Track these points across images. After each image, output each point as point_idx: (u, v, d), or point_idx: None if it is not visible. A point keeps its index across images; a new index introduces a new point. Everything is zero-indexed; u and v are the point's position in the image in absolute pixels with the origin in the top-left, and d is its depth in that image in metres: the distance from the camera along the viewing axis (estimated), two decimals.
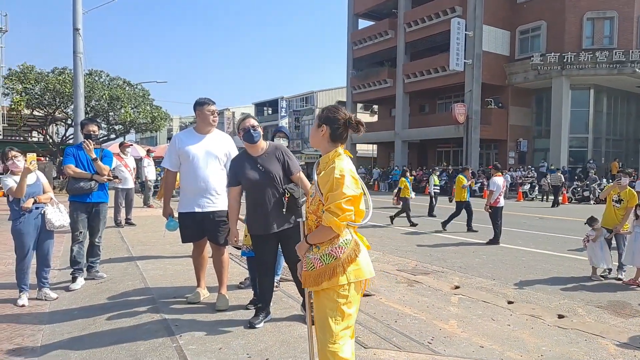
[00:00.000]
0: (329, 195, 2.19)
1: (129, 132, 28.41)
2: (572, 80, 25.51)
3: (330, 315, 2.23)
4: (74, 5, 12.74)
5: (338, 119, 2.34)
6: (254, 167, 3.68)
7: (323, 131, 2.35)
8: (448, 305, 4.69)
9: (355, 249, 2.28)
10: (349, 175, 2.22)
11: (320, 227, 2.27)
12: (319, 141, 2.39)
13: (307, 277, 2.32)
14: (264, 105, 54.39)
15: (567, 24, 25.38)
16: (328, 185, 2.20)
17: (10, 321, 3.98)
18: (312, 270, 2.29)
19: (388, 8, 32.44)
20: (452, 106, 27.35)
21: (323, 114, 2.40)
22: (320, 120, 2.38)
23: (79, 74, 13.11)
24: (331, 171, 2.23)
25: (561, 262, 7.23)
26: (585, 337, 3.88)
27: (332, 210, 2.17)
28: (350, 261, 2.24)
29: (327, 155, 2.35)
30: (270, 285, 3.90)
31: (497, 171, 9.50)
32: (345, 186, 2.17)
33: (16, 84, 23.09)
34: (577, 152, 26.73)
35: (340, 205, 2.16)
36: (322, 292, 2.28)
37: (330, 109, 2.41)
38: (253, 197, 3.71)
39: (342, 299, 2.23)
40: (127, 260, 6.31)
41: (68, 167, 5.03)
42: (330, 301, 2.25)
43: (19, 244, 4.44)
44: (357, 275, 2.26)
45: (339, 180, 2.18)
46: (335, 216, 2.16)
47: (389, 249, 8.16)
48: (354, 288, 2.26)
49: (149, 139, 56.13)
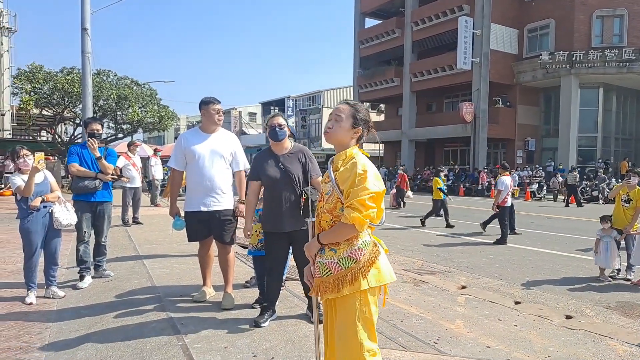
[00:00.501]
0: (351, 191, 2.05)
1: (137, 132, 28.55)
2: (581, 79, 25.30)
3: (354, 324, 2.06)
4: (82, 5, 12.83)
5: (369, 122, 2.27)
6: (276, 165, 3.74)
7: (358, 133, 2.24)
8: (454, 305, 4.67)
9: (375, 251, 2.13)
10: (372, 171, 2.10)
11: (338, 225, 2.09)
12: (346, 140, 2.23)
13: (322, 283, 2.13)
14: (270, 104, 54.43)
15: (576, 22, 25.16)
16: (350, 180, 2.07)
17: (18, 319, 4.01)
18: (329, 275, 2.11)
19: (395, 7, 32.36)
20: (460, 105, 27.23)
21: (360, 115, 2.24)
22: (357, 120, 2.23)
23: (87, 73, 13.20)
24: (353, 166, 2.10)
25: (569, 262, 7.17)
26: (593, 338, 3.85)
27: (355, 207, 2.02)
28: (371, 264, 2.09)
29: (344, 152, 2.21)
30: (277, 284, 3.91)
31: (505, 170, 9.44)
32: (368, 181, 2.04)
33: (25, 84, 23.29)
34: (586, 152, 26.51)
35: (363, 202, 2.02)
36: (341, 300, 2.10)
37: (364, 110, 2.28)
38: (271, 194, 3.77)
39: (364, 307, 2.07)
40: (134, 259, 6.35)
41: (72, 166, 5.04)
42: (351, 310, 2.07)
43: (27, 242, 4.48)
44: (378, 280, 2.10)
45: (362, 176, 2.05)
46: (359, 212, 2.02)
47: (395, 249, 8.13)
48: (374, 293, 2.11)
49: (157, 138, 56.41)
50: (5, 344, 3.47)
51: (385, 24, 33.00)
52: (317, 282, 2.16)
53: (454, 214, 14.15)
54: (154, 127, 27.99)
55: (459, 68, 26.61)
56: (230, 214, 4.27)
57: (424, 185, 26.50)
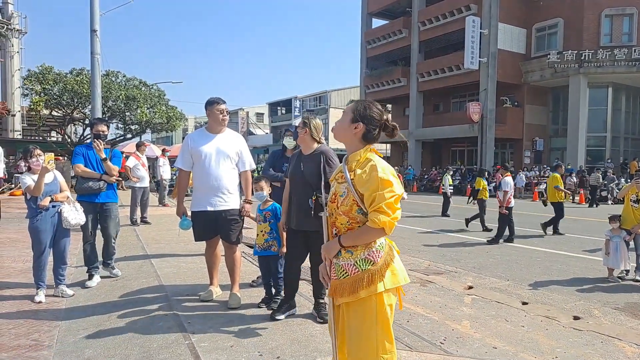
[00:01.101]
0: (376, 195, 2.00)
1: (145, 132, 28.74)
2: (590, 78, 25.10)
3: (371, 327, 2.03)
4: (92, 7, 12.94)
5: (375, 118, 2.13)
6: (297, 164, 3.87)
7: (357, 129, 2.13)
8: (461, 306, 4.65)
9: (390, 253, 2.12)
10: (391, 174, 2.05)
11: (364, 229, 2.05)
12: (348, 138, 2.16)
13: (339, 286, 2.09)
14: (277, 104, 54.54)
15: (585, 21, 24.96)
16: (372, 184, 2.01)
17: (28, 317, 4.06)
18: (346, 277, 2.07)
19: (402, 7, 32.29)
20: (467, 105, 27.10)
21: (360, 109, 2.14)
22: (355, 115, 2.14)
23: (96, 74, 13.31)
24: (372, 169, 2.03)
25: (577, 262, 7.12)
26: (601, 339, 3.82)
27: (384, 210, 1.98)
28: (387, 266, 2.07)
29: (358, 152, 2.13)
30: (293, 278, 3.97)
31: (506, 171, 9.43)
32: (392, 184, 2.02)
33: (35, 85, 23.53)
34: (594, 152, 26.29)
35: (391, 204, 1.99)
36: (356, 302, 2.06)
37: (369, 105, 2.16)
38: (291, 192, 3.91)
39: (381, 308, 2.05)
40: (142, 258, 6.39)
41: (77, 167, 5.04)
42: (368, 312, 2.04)
43: (36, 241, 4.53)
44: (394, 282, 2.08)
45: (385, 179, 2.00)
46: (387, 215, 1.98)
47: (402, 249, 8.06)
48: (389, 296, 2.09)
49: (165, 138, 56.72)
50: (15, 342, 3.51)
51: (392, 24, 32.93)
52: (333, 284, 2.13)
53: (460, 214, 14.10)
54: (162, 128, 28.16)
55: (466, 68, 26.49)
56: (237, 213, 4.29)
57: (430, 186, 26.42)
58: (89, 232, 5.11)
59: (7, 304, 4.38)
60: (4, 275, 5.40)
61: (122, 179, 5.54)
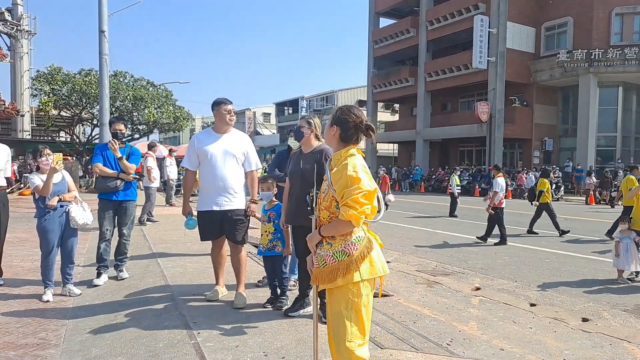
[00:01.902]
0: (345, 191, 2.20)
1: (153, 132, 28.92)
2: (600, 77, 24.85)
3: (345, 313, 2.22)
4: (100, 7, 13.04)
5: (348, 121, 2.37)
6: (297, 161, 3.91)
7: (334, 131, 2.40)
8: (468, 307, 4.62)
9: (368, 246, 2.28)
10: (362, 171, 2.24)
11: (336, 221, 2.27)
12: (330, 140, 2.44)
13: (319, 274, 2.31)
14: (284, 104, 54.61)
15: (595, 19, 24.72)
16: (342, 181, 2.22)
17: (35, 316, 4.08)
18: (324, 267, 2.28)
19: (410, 6, 32.18)
20: (475, 105, 26.96)
21: (336, 114, 2.42)
22: (332, 120, 2.42)
23: (105, 75, 13.41)
24: (343, 168, 2.25)
25: (586, 264, 7.05)
26: (610, 342, 3.77)
27: (350, 205, 2.18)
28: (363, 258, 2.25)
29: (339, 152, 2.38)
30: (304, 276, 3.97)
31: (498, 172, 9.39)
32: (360, 181, 2.19)
33: (44, 85, 23.77)
34: (605, 152, 26.03)
35: (357, 199, 2.18)
36: (336, 290, 2.27)
37: (344, 109, 2.42)
38: (291, 189, 3.93)
39: (356, 297, 2.22)
40: (148, 258, 6.42)
41: (95, 166, 5.17)
42: (344, 299, 2.24)
43: (44, 240, 4.56)
44: (371, 273, 2.26)
45: (353, 176, 2.20)
46: (354, 209, 2.17)
47: (408, 250, 8.09)
48: (366, 285, 2.25)
49: (172, 138, 57.02)
50: (22, 341, 3.54)
51: (399, 23, 32.84)
52: (315, 272, 2.35)
53: (468, 214, 14.03)
54: (169, 128, 28.33)
55: (475, 67, 26.35)
56: (242, 213, 4.29)
57: (438, 186, 26.29)
58: (105, 229, 5.16)
59: (15, 303, 4.42)
60: (13, 274, 5.44)
61: (141, 178, 5.58)
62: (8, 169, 5.29)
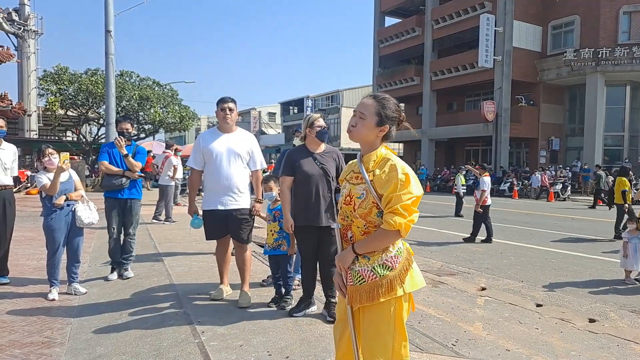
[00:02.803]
0: (393, 195, 1.94)
1: (158, 132, 29.03)
2: (607, 76, 24.66)
3: (388, 330, 2.01)
4: (106, 7, 13.09)
5: (399, 119, 2.11)
6: (312, 161, 3.86)
7: (384, 131, 2.07)
8: (474, 307, 4.59)
9: (409, 258, 2.08)
10: (412, 175, 2.00)
11: (379, 233, 1.99)
12: (370, 138, 2.09)
13: (356, 292, 2.02)
14: (289, 104, 54.64)
15: (602, 18, 24.53)
16: (391, 184, 1.96)
17: (41, 314, 4.10)
18: (362, 284, 2.01)
19: (415, 5, 32.10)
20: (481, 104, 26.83)
21: (389, 112, 2.07)
22: (382, 118, 2.06)
23: (111, 74, 13.47)
24: (392, 169, 1.99)
25: (593, 264, 6.99)
26: (617, 343, 3.74)
27: (399, 212, 1.93)
28: (406, 271, 2.04)
29: (375, 152, 2.08)
30: (309, 275, 3.98)
31: (484, 171, 9.56)
32: (411, 185, 1.96)
33: (51, 85, 23.93)
34: (612, 151, 25.84)
35: (408, 206, 1.94)
36: (374, 306, 2.02)
37: (393, 107, 2.09)
38: (304, 189, 3.84)
39: (400, 312, 2.02)
40: (153, 257, 6.43)
41: (101, 164, 5.21)
42: (386, 315, 2.01)
43: (50, 239, 4.58)
44: (413, 286, 2.05)
45: (404, 180, 1.96)
46: (403, 217, 1.93)
47: (414, 249, 8.02)
48: (407, 299, 2.07)
49: (178, 138, 57.23)
50: (28, 339, 3.55)
51: (405, 22, 32.75)
52: (349, 290, 2.05)
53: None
54: (175, 127, 28.44)
55: (481, 66, 26.23)
56: (247, 213, 4.28)
57: (444, 186, 26.17)
58: (112, 227, 5.22)
59: (21, 301, 4.44)
60: (19, 273, 5.47)
61: (147, 177, 5.61)
62: (15, 168, 5.32)
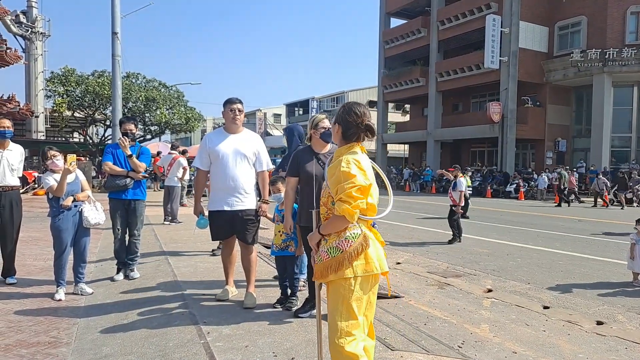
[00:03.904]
0: (338, 187, 2.21)
1: (164, 133, 29.13)
2: (615, 77, 24.48)
3: (336, 309, 2.25)
4: (113, 10, 13.16)
5: (349, 120, 2.37)
6: (316, 162, 3.85)
7: (336, 129, 2.42)
8: (480, 309, 4.56)
9: (364, 243, 2.26)
10: (355, 167, 2.23)
11: (332, 217, 2.27)
12: (334, 137, 2.48)
13: (316, 269, 2.35)
14: (295, 105, 54.71)
15: (609, 18, 24.35)
16: (335, 177, 2.24)
17: (47, 314, 4.12)
18: (320, 262, 2.32)
19: (421, 6, 32.04)
20: (487, 105, 26.73)
21: (339, 111, 2.44)
22: (336, 117, 2.43)
23: (117, 76, 13.54)
24: (338, 163, 2.27)
25: (601, 266, 6.94)
26: (625, 345, 3.70)
27: (344, 199, 2.19)
28: (357, 255, 2.24)
29: (340, 149, 2.41)
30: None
31: (459, 172, 9.62)
32: (353, 176, 2.20)
33: (58, 87, 24.07)
34: (619, 152, 25.63)
35: (350, 194, 2.18)
36: (331, 285, 2.30)
37: (346, 108, 2.42)
38: (308, 189, 3.83)
39: (348, 293, 2.23)
40: (159, 257, 6.45)
41: (106, 164, 5.23)
42: (337, 295, 2.26)
43: (58, 240, 4.60)
44: (365, 270, 2.24)
45: (346, 172, 2.21)
46: (348, 204, 2.18)
47: (419, 251, 8.03)
48: (360, 282, 2.25)
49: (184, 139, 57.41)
50: (34, 339, 3.57)
51: (410, 23, 32.69)
52: (315, 267, 2.39)
53: (480, 215, 13.90)
54: (181, 129, 28.52)
55: (487, 67, 26.13)
56: (253, 213, 4.28)
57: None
58: (117, 228, 5.25)
59: (28, 301, 4.46)
60: (26, 273, 5.51)
61: (152, 178, 5.64)
62: (21, 169, 5.36)
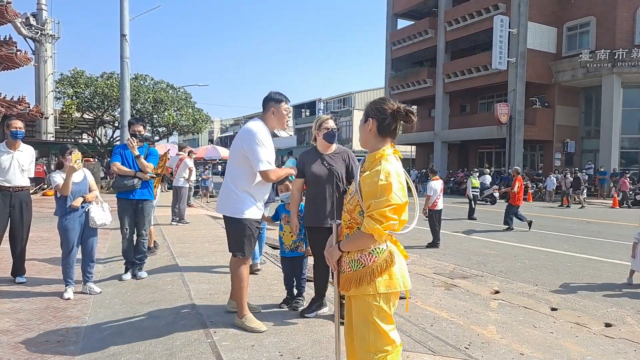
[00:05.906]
0: (372, 201, 2.00)
1: (172, 134, 29.28)
2: (624, 78, 24.27)
3: (363, 326, 2.11)
4: (121, 12, 13.25)
5: (385, 109, 2.14)
6: (321, 163, 3.88)
7: (370, 125, 2.15)
8: (487, 311, 4.54)
9: (388, 260, 2.09)
10: (396, 181, 2.01)
11: (358, 234, 2.08)
12: (366, 138, 2.19)
13: (342, 279, 2.20)
14: (302, 107, 54.74)
15: (619, 19, 24.16)
16: (371, 190, 2.01)
17: (56, 313, 4.16)
18: (343, 273, 2.18)
19: (428, 7, 31.98)
20: (495, 106, 26.59)
21: (369, 106, 2.20)
22: (366, 113, 2.19)
23: (126, 78, 13.62)
24: (375, 174, 2.02)
25: (609, 268, 6.88)
26: (634, 347, 3.67)
27: (375, 218, 1.98)
28: (381, 271, 2.07)
29: (374, 154, 2.14)
30: (322, 276, 3.97)
31: (434, 175, 9.28)
32: (391, 193, 1.98)
33: (67, 88, 24.29)
34: (628, 154, 25.39)
35: (384, 213, 1.97)
36: (354, 298, 2.15)
37: (376, 100, 2.21)
38: (314, 190, 3.87)
39: (372, 310, 2.08)
40: (166, 258, 6.48)
41: (114, 165, 5.28)
42: (361, 309, 2.11)
43: (65, 239, 4.65)
44: (388, 286, 2.07)
45: (385, 187, 1.98)
46: (379, 224, 1.98)
47: (426, 252, 8.01)
48: (384, 299, 2.09)
49: (191, 140, 57.67)
50: (43, 338, 3.60)
51: (417, 24, 32.62)
52: (341, 277, 2.22)
53: (487, 217, 13.84)
54: (188, 130, 28.64)
55: (494, 68, 26.00)
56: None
57: (457, 188, 25.97)
58: (124, 228, 5.28)
59: (37, 300, 4.51)
60: (35, 272, 5.56)
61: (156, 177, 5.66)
62: (32, 170, 5.42)
